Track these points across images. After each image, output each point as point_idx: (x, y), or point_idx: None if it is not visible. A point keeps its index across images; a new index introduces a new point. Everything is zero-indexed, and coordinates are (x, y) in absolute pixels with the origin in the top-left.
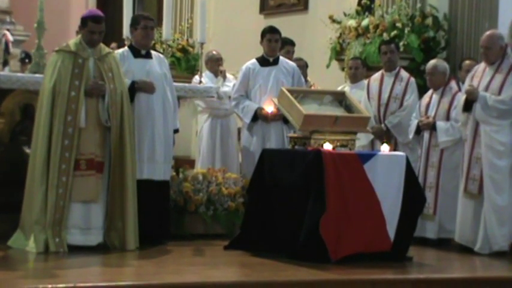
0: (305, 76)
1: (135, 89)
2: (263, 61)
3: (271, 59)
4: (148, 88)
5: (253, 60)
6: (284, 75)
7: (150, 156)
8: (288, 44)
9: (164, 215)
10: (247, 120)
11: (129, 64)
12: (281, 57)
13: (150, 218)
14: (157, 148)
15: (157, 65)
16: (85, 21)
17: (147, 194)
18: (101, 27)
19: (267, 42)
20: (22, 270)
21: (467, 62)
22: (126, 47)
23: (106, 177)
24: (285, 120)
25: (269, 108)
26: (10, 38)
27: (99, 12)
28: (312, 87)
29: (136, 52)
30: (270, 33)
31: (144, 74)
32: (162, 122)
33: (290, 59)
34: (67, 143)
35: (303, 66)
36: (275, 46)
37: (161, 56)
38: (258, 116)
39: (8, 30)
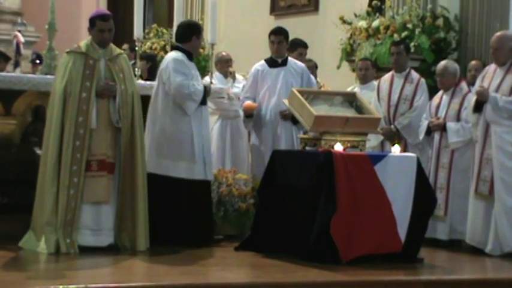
0: (314, 77)
1: (207, 93)
2: (272, 62)
3: (279, 60)
4: (209, 92)
5: (262, 62)
6: (293, 76)
7: (209, 157)
8: (300, 46)
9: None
10: (244, 117)
11: (190, 68)
12: (290, 58)
13: (205, 217)
14: (210, 148)
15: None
16: (93, 21)
17: (204, 194)
18: (109, 24)
19: (270, 44)
20: (33, 271)
21: (472, 62)
22: (179, 53)
23: (117, 178)
24: (294, 121)
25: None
26: (21, 39)
27: (106, 11)
28: (322, 88)
29: (190, 57)
30: (273, 35)
31: (199, 78)
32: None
33: (303, 61)
34: (78, 144)
35: (312, 67)
36: (278, 47)
37: None
38: (245, 112)
39: (19, 31)
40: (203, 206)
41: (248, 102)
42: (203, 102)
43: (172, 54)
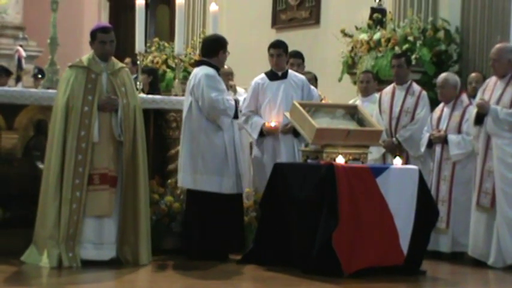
0: None
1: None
2: (272, 75)
3: (279, 73)
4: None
5: (262, 75)
6: (293, 89)
7: (241, 170)
8: (291, 57)
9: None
10: (255, 135)
11: (221, 83)
12: (290, 71)
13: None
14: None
15: None
16: (94, 34)
17: (237, 207)
18: (110, 36)
19: (270, 57)
20: (36, 285)
21: (473, 75)
22: (210, 68)
23: (119, 192)
24: (296, 134)
25: (272, 122)
26: (23, 53)
27: (107, 24)
28: (323, 101)
29: (217, 71)
30: (272, 48)
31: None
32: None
33: (298, 72)
34: (80, 158)
35: (311, 79)
36: (278, 61)
37: None
38: (263, 131)
39: (21, 46)
40: (236, 219)
41: (270, 125)
42: (235, 116)
43: (203, 70)
